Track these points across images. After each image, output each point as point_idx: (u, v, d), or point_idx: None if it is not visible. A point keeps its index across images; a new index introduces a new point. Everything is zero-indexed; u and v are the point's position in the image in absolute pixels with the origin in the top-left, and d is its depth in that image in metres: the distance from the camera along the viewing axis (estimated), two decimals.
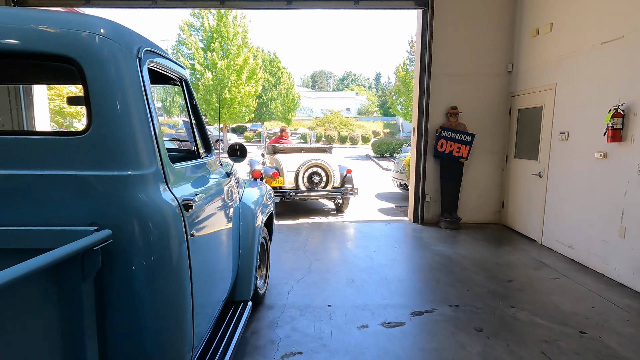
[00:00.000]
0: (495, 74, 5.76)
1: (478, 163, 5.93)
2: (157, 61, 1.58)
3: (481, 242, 5.01)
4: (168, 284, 1.36)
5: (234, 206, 2.41)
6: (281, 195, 6.18)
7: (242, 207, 2.66)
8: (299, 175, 6.24)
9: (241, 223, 2.59)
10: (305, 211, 7.07)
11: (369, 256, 4.38)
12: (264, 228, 3.22)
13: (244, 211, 2.65)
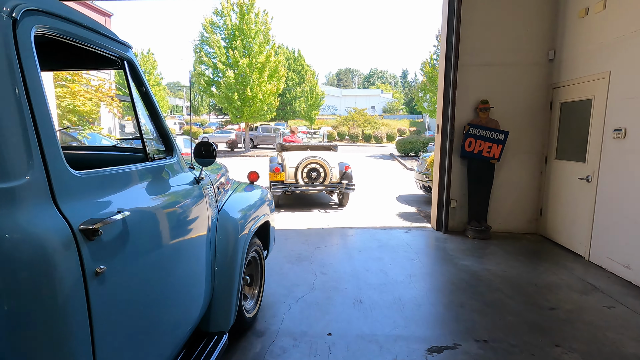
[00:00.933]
0: (533, 62, 5.04)
1: (512, 164, 5.23)
2: (64, 29, 1.15)
3: (515, 256, 4.35)
4: (43, 344, 0.92)
5: (206, 218, 1.97)
6: (282, 188, 6.83)
7: (221, 217, 2.22)
8: (298, 170, 6.79)
9: (219, 237, 2.16)
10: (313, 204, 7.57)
11: (383, 270, 3.85)
12: (256, 240, 2.78)
13: (223, 223, 2.21)
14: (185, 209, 1.74)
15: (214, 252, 2.11)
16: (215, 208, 2.16)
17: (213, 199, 2.14)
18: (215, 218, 2.16)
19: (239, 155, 20.58)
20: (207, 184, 2.07)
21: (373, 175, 12.60)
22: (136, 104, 1.53)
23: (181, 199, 1.71)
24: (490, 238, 5.05)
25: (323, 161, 6.84)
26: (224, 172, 3.03)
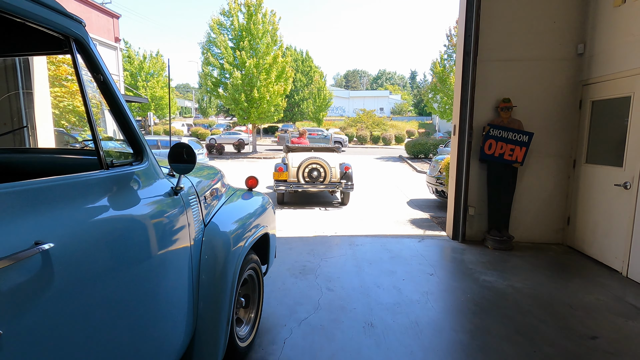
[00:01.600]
0: (560, 57, 4.61)
1: (536, 169, 4.80)
2: None
3: (542, 271, 3.92)
4: None
5: (186, 235, 1.63)
6: (285, 186, 7.19)
7: (208, 233, 1.87)
8: (299, 170, 7.15)
9: (205, 256, 1.81)
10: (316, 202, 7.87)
11: (396, 287, 3.47)
12: (253, 256, 2.43)
13: (211, 239, 1.86)
14: (155, 228, 1.39)
15: (197, 274, 1.76)
16: (199, 222, 1.81)
17: (197, 211, 1.79)
18: (201, 234, 1.81)
19: (246, 157, 20.34)
20: (189, 195, 1.73)
21: (382, 178, 12.19)
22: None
23: (149, 217, 1.36)
24: (512, 249, 4.63)
25: (323, 162, 7.18)
26: (220, 177, 2.69)
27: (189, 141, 13.41)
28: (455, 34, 20.65)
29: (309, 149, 8.04)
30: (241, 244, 2.12)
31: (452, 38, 21.03)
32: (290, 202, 7.81)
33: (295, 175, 7.19)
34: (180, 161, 1.53)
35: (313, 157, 7.23)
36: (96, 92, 1.32)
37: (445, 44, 21.68)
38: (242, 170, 14.15)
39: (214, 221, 2.00)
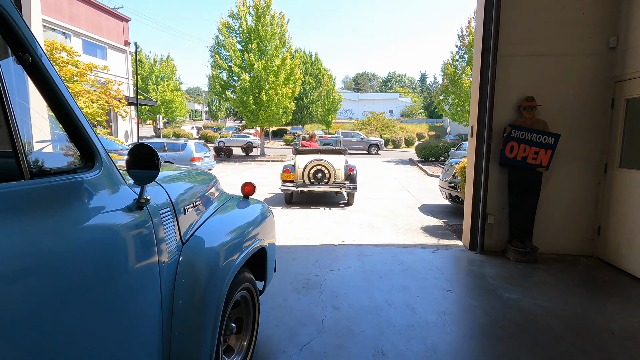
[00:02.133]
0: (589, 52, 4.21)
1: (563, 173, 4.40)
2: None
3: (573, 287, 3.52)
4: None
5: (153, 257, 1.32)
6: (291, 187, 7.45)
7: (188, 251, 1.57)
8: (305, 171, 7.42)
9: (182, 280, 1.50)
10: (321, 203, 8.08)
11: (410, 305, 3.11)
12: (246, 274, 2.12)
13: (190, 258, 1.56)
14: (104, 253, 1.09)
15: (170, 301, 1.45)
16: (176, 239, 1.51)
17: (172, 227, 1.48)
18: (177, 253, 1.51)
19: (254, 160, 20.14)
20: (161, 208, 1.42)
21: (392, 182, 11.81)
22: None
23: (95, 239, 1.06)
24: (536, 261, 4.23)
25: (328, 163, 7.44)
26: (213, 184, 2.40)
27: (196, 143, 13.24)
28: (468, 34, 20.19)
29: (316, 151, 8.23)
30: (230, 261, 1.81)
31: (464, 38, 20.56)
32: (298, 201, 8.08)
33: (301, 176, 7.46)
34: (142, 167, 1.22)
35: (318, 159, 7.49)
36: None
37: (457, 45, 21.21)
38: (249, 173, 13.92)
39: (197, 236, 1.70)
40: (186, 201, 1.70)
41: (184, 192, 1.73)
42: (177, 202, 1.59)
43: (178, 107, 38.25)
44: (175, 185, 1.69)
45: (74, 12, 17.48)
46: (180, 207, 1.60)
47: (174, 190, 1.61)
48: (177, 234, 1.53)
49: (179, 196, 1.64)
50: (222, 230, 1.93)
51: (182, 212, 1.61)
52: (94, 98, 8.01)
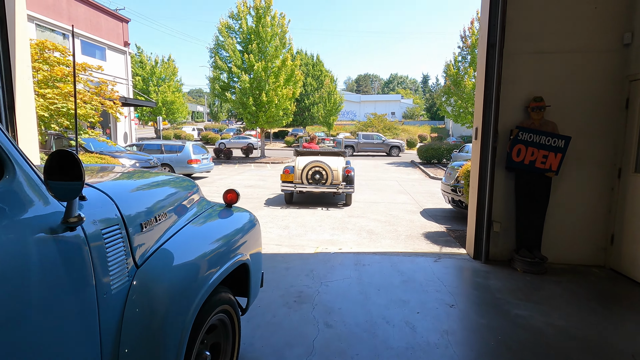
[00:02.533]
0: (602, 48, 3.96)
1: (573, 179, 4.13)
2: None
3: (587, 302, 3.25)
4: None
5: (82, 287, 1.07)
6: (290, 187, 7.70)
7: (143, 275, 1.32)
8: (303, 172, 7.60)
9: (132, 309, 1.25)
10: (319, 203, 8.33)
11: (410, 323, 2.85)
12: (224, 294, 1.87)
13: (146, 283, 1.31)
14: (10, 289, 0.84)
15: (116, 336, 1.20)
16: (126, 262, 1.26)
17: (120, 248, 1.24)
18: (127, 278, 1.26)
19: (254, 162, 19.92)
20: (106, 226, 1.18)
21: (393, 185, 11.54)
22: None
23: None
24: (545, 272, 3.96)
25: (325, 165, 7.63)
26: (193, 192, 2.16)
27: (194, 145, 13.02)
28: (470, 35, 19.92)
29: (317, 153, 8.47)
30: (201, 282, 1.56)
31: (467, 39, 20.28)
32: (298, 202, 8.32)
33: (300, 176, 7.66)
34: (54, 176, 0.97)
35: (316, 161, 7.70)
36: None
37: (460, 45, 20.95)
38: (248, 175, 13.69)
39: (160, 254, 1.45)
40: (147, 215, 1.46)
41: (145, 204, 1.49)
42: (132, 217, 1.34)
43: (179, 108, 38.13)
44: (133, 196, 1.45)
45: (73, 13, 17.34)
46: (137, 223, 1.36)
47: (129, 203, 1.36)
48: (130, 256, 1.28)
49: (136, 210, 1.39)
50: (194, 246, 1.69)
51: (138, 229, 1.36)
52: (87, 99, 7.79)
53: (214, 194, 9.30)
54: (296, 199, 8.54)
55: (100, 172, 1.98)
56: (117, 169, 2.33)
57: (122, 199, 1.33)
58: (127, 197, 1.39)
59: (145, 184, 1.73)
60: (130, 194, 1.47)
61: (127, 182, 1.64)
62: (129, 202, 1.36)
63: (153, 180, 1.87)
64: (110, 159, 7.81)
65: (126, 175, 1.86)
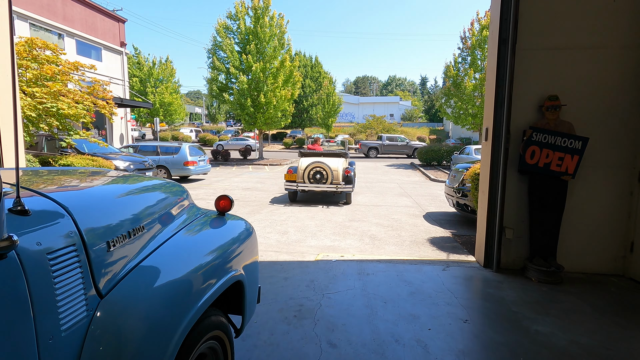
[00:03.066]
0: (622, 45, 3.73)
1: (590, 182, 3.90)
2: None
3: (611, 317, 3.01)
4: None
5: (16, 327, 0.82)
6: (293, 186, 8.07)
7: (109, 305, 1.06)
8: (305, 172, 8.00)
9: (92, 348, 0.99)
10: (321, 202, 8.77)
11: (421, 341, 2.60)
12: (215, 317, 1.62)
13: (112, 315, 1.05)
14: None
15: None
16: (82, 293, 1.00)
17: (78, 274, 0.98)
18: (84, 312, 1.00)
19: (252, 164, 19.65)
20: (50, 249, 0.92)
21: (394, 188, 11.30)
22: None
23: None
24: (561, 282, 3.71)
25: (326, 165, 7.99)
26: (181, 198, 1.91)
27: (190, 146, 12.73)
28: (470, 36, 19.76)
29: (319, 154, 8.92)
30: (185, 308, 1.31)
31: (467, 40, 20.12)
32: (301, 200, 8.72)
33: (302, 176, 8.02)
34: None
35: (317, 161, 8.07)
36: None
37: (460, 47, 20.77)
38: (246, 177, 13.42)
39: (132, 279, 1.19)
40: (117, 230, 1.20)
41: (116, 216, 1.23)
42: (96, 234, 1.09)
43: (177, 110, 37.80)
44: (100, 207, 1.19)
45: (68, 13, 17.06)
46: (102, 241, 1.10)
47: (93, 216, 1.11)
48: (91, 284, 1.03)
49: (103, 224, 1.14)
50: (179, 263, 1.44)
51: (104, 248, 1.10)
52: (78, 98, 7.52)
53: (211, 197, 9.03)
54: (300, 197, 8.91)
55: (73, 177, 1.72)
56: (101, 174, 2.07)
57: (84, 212, 1.07)
58: (91, 208, 1.14)
59: (121, 191, 1.48)
60: (97, 204, 1.21)
61: (97, 189, 1.39)
62: (93, 215, 1.11)
63: (133, 187, 1.61)
64: (102, 161, 7.53)
65: (102, 180, 1.61)
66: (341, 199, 8.78)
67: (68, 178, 1.62)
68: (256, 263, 2.24)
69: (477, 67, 19.62)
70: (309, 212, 7.36)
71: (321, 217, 6.91)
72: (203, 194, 9.54)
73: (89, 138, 7.59)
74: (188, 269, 1.44)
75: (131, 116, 24.39)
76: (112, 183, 1.62)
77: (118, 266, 1.15)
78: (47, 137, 9.16)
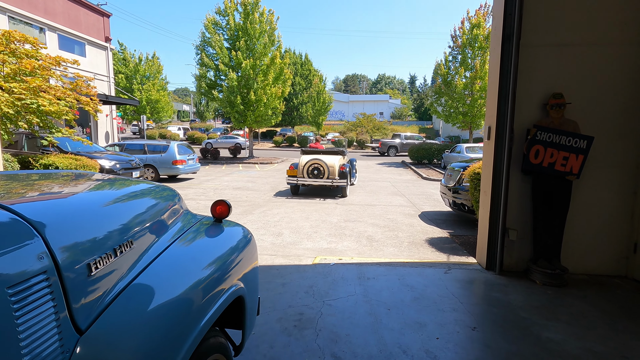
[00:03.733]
0: (628, 41, 3.65)
1: (593, 182, 3.82)
2: None
3: (621, 321, 2.92)
4: None
5: None
6: (294, 181, 9.00)
7: (90, 342, 0.87)
8: (303, 168, 8.89)
9: None
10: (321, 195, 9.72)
11: (430, 352, 2.45)
12: (214, 339, 1.44)
13: (94, 354, 0.86)
14: None
15: None
16: (55, 330, 0.80)
17: (45, 310, 0.79)
18: (62, 353, 0.81)
19: (242, 162, 19.34)
20: (12, 280, 0.72)
21: (387, 186, 11.20)
22: None
23: None
24: (566, 284, 3.63)
25: (322, 162, 8.83)
26: (173, 204, 1.72)
27: (179, 145, 12.39)
28: (461, 35, 19.79)
29: (318, 152, 9.77)
30: (184, 334, 1.12)
31: (457, 39, 20.15)
32: (303, 193, 9.56)
33: (302, 172, 8.91)
34: None
35: (315, 158, 8.91)
36: None
37: (450, 45, 20.78)
38: (236, 176, 13.15)
39: (119, 306, 1.00)
40: (101, 248, 1.01)
41: (98, 232, 1.04)
42: (74, 255, 0.89)
43: (164, 107, 37.09)
44: (78, 222, 0.99)
45: (50, 6, 16.42)
46: (81, 265, 0.91)
47: (69, 234, 0.91)
48: (67, 318, 0.83)
49: (82, 243, 0.94)
50: (174, 282, 1.25)
51: (83, 272, 0.91)
52: (60, 94, 7.16)
53: (201, 197, 8.77)
54: (302, 191, 9.86)
55: (52, 183, 1.50)
56: (86, 177, 1.86)
57: (58, 228, 0.88)
58: (68, 223, 0.94)
59: (106, 200, 1.28)
60: (76, 217, 1.01)
61: (76, 198, 1.19)
62: (71, 231, 0.91)
63: (120, 193, 1.41)
64: (86, 160, 7.19)
65: (84, 187, 1.40)
66: (338, 193, 9.37)
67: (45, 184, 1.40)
68: (256, 270, 2.06)
69: (468, 66, 19.68)
70: (303, 212, 7.18)
71: (316, 217, 6.74)
72: (193, 194, 9.27)
73: (72, 136, 7.25)
74: (185, 288, 1.26)
75: (117, 114, 23.76)
76: (95, 189, 1.42)
77: (102, 292, 0.96)
78: (27, 135, 8.75)
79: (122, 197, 1.48)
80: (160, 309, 1.12)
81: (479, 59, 19.08)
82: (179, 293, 1.23)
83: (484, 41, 18.96)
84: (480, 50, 19.20)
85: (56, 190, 1.44)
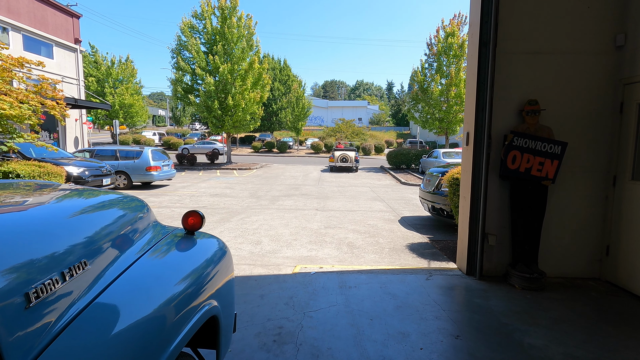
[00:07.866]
0: (595, 50, 3.77)
1: (567, 187, 3.91)
2: None
3: (598, 324, 2.96)
4: None
5: None
6: (332, 164, 18.35)
7: None
8: (337, 158, 18.16)
9: None
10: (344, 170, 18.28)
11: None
12: (192, 358, 1.31)
13: None
14: None
15: None
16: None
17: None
18: None
19: (219, 168, 18.95)
20: None
21: (366, 191, 11.22)
22: None
23: None
24: (544, 288, 3.67)
25: (347, 154, 18.12)
26: (140, 217, 1.58)
27: (153, 150, 11.96)
28: (437, 43, 20.28)
29: (342, 148, 19.27)
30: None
31: (433, 47, 20.65)
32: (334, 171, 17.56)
33: (336, 160, 18.06)
34: None
35: (343, 152, 18.32)
36: None
37: (426, 53, 21.26)
38: (213, 182, 12.83)
39: (66, 339, 0.86)
40: (42, 274, 0.86)
41: (40, 255, 0.89)
42: (6, 286, 0.75)
43: (138, 112, 35.93)
44: (15, 245, 0.85)
45: (13, 4, 15.62)
46: (15, 297, 0.76)
47: (3, 259, 0.77)
48: None
49: (17, 270, 0.80)
50: (135, 307, 1.11)
51: (19, 305, 0.77)
52: (22, 97, 6.74)
53: (176, 204, 8.46)
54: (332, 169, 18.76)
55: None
56: (50, 187, 1.68)
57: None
58: (5, 245, 0.80)
59: (60, 214, 1.13)
60: (15, 238, 0.86)
61: (20, 216, 1.03)
62: (7, 256, 0.77)
63: (79, 207, 1.27)
64: (51, 167, 6.78)
65: (38, 200, 1.24)
66: (352, 170, 18.50)
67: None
68: (232, 285, 1.93)
69: (443, 73, 20.16)
70: (282, 219, 7.04)
71: (295, 224, 6.62)
72: (168, 202, 8.94)
73: (36, 142, 6.83)
74: (150, 311, 1.12)
75: (87, 118, 22.80)
76: (51, 203, 1.26)
77: (44, 326, 0.82)
78: None
79: (80, 211, 1.33)
80: (119, 337, 0.98)
81: (453, 67, 19.59)
82: (142, 317, 1.09)
83: (459, 49, 19.49)
84: (455, 58, 19.72)
85: (4, 203, 1.27)
